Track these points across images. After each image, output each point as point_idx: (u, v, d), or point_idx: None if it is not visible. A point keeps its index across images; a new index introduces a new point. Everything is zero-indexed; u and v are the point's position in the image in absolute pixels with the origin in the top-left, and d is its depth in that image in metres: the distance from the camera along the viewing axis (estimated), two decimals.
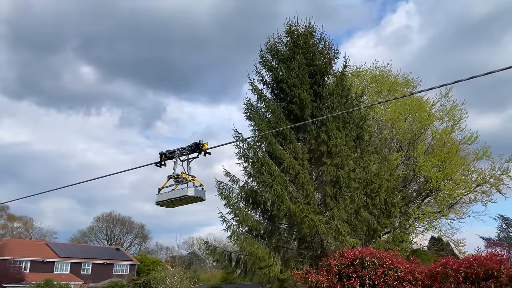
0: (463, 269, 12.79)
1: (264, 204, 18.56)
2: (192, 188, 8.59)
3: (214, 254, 17.87)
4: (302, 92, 17.29)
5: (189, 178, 8.86)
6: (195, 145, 8.91)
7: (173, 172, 8.91)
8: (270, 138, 17.02)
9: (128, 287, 25.49)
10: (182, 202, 8.88)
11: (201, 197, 8.71)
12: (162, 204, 9.03)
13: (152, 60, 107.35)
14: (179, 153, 9.05)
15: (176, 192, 8.70)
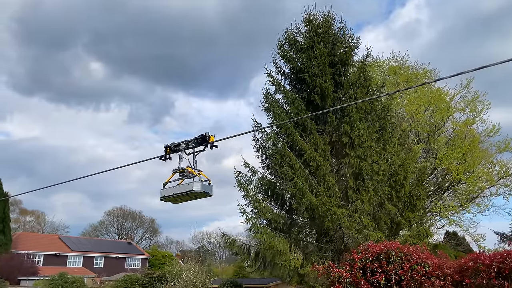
0: (496, 264, 12.26)
1: (283, 197, 18.16)
2: (198, 183, 8.18)
3: (233, 247, 17.51)
4: (324, 81, 16.76)
5: (195, 172, 8.46)
6: (201, 138, 8.53)
7: (179, 166, 8.53)
8: (290, 129, 16.55)
9: (143, 281, 25.22)
10: (188, 197, 8.48)
11: (207, 192, 8.31)
12: (167, 199, 8.59)
13: (160, 56, 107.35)
14: (184, 146, 8.67)
15: (181, 187, 8.30)
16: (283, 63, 19.78)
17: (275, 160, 16.31)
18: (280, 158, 16.01)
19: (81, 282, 29.65)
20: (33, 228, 68.38)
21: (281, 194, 17.96)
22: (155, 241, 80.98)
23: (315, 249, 16.59)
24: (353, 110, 15.77)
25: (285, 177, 15.69)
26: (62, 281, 29.14)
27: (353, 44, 18.41)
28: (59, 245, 47.96)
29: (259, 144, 19.74)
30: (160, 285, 24.58)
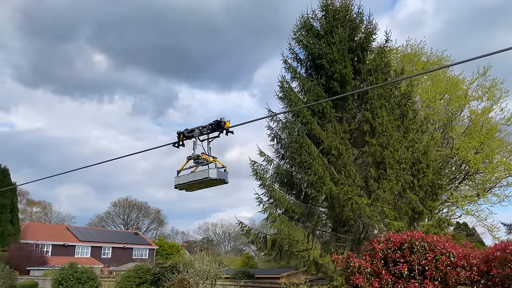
0: None
1: (299, 186, 17.78)
2: (214, 169, 7.89)
3: (249, 235, 17.18)
4: (343, 67, 16.26)
5: (210, 159, 8.19)
6: (216, 124, 8.26)
7: (193, 153, 8.23)
8: (308, 117, 16.10)
9: (155, 271, 25.03)
10: (203, 185, 8.18)
11: (223, 179, 8.02)
12: (182, 187, 8.31)
13: (164, 48, 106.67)
14: (198, 132, 8.39)
15: (196, 174, 8.01)
16: (299, 49, 19.30)
17: (292, 149, 15.89)
18: (298, 146, 15.58)
19: (91, 272, 29.53)
20: (40, 218, 68.55)
21: (298, 183, 17.58)
22: (160, 231, 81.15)
23: (333, 239, 16.24)
24: (374, 97, 15.28)
25: (304, 166, 15.28)
26: (72, 270, 29.03)
27: (372, 29, 17.85)
28: (67, 235, 48.00)
29: (273, 133, 19.32)
30: (172, 275, 24.38)
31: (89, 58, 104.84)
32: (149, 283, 25.25)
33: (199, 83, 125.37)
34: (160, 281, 24.78)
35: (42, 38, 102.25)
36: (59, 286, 28.63)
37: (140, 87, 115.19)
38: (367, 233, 16.22)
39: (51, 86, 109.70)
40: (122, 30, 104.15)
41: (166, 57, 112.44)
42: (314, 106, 16.67)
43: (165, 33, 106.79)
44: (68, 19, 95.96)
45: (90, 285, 28.75)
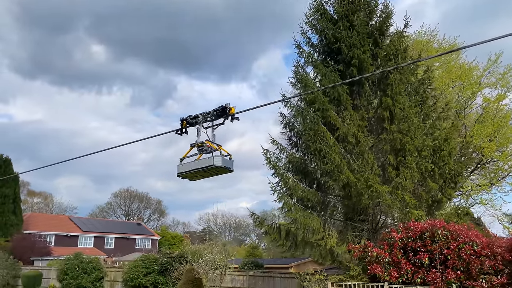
0: None
1: (313, 175, 17.37)
2: (219, 157, 7.57)
3: (262, 226, 16.79)
4: (362, 53, 15.70)
5: (214, 146, 7.86)
6: (221, 109, 7.89)
7: (197, 140, 7.92)
8: (325, 104, 15.60)
9: (162, 261, 24.70)
10: (207, 173, 7.85)
11: (229, 167, 7.69)
12: (185, 175, 7.98)
13: (162, 39, 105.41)
14: (202, 118, 8.05)
15: (200, 162, 7.67)
16: (311, 34, 18.73)
17: (307, 136, 15.41)
18: (313, 134, 15.10)
19: (97, 262, 29.20)
20: (41, 209, 68.18)
21: (311, 172, 17.15)
22: (162, 222, 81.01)
23: (348, 228, 15.86)
24: (396, 82, 14.76)
25: (320, 154, 14.82)
26: (78, 261, 28.69)
27: (388, 13, 17.26)
28: (70, 226, 47.67)
29: (286, 120, 18.85)
30: (179, 265, 24.06)
31: (88, 48, 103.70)
32: (156, 273, 24.93)
33: (198, 74, 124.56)
34: (168, 271, 24.48)
35: (40, 29, 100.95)
36: (65, 276, 28.32)
37: (139, 78, 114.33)
38: (383, 222, 15.86)
39: (49, 77, 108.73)
40: (120, 21, 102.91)
41: (164, 49, 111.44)
42: (329, 93, 16.17)
43: (164, 24, 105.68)
44: (66, 9, 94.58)
45: (95, 275, 28.44)
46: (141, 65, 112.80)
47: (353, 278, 15.12)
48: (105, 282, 28.96)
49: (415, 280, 13.86)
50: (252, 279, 23.47)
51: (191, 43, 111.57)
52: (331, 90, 16.24)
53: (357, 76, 16.63)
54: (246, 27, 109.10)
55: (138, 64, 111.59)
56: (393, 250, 14.40)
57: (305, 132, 15.63)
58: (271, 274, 22.92)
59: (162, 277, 24.62)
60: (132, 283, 25.06)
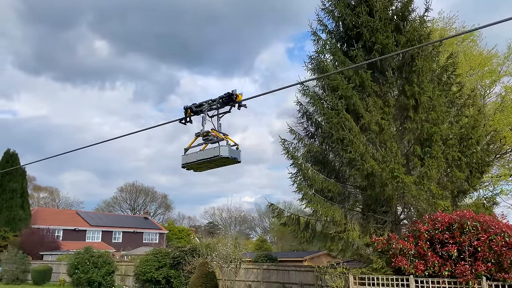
0: None
1: (332, 165, 16.88)
2: (226, 147, 7.19)
3: (281, 217, 16.34)
4: (385, 38, 15.12)
5: (221, 135, 7.47)
6: (227, 97, 7.47)
7: (202, 129, 7.53)
8: (348, 91, 15.04)
9: (174, 254, 24.33)
10: (213, 164, 7.49)
11: (236, 158, 7.30)
12: (190, 166, 7.60)
13: (164, 34, 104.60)
14: (207, 106, 7.64)
15: (206, 152, 7.33)
16: (328, 21, 18.15)
17: (330, 125, 14.88)
18: (336, 122, 14.57)
19: (108, 256, 28.87)
20: (47, 204, 68.09)
21: (330, 162, 16.67)
22: (168, 216, 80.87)
23: (370, 220, 15.38)
24: (423, 69, 14.17)
25: (343, 143, 14.31)
26: (88, 255, 28.36)
27: None
28: (77, 220, 47.45)
29: (303, 109, 18.33)
30: (192, 259, 23.70)
31: (90, 44, 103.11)
32: (168, 267, 24.57)
33: (200, 69, 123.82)
34: (180, 265, 24.13)
35: (43, 25, 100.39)
36: (75, 270, 28.01)
37: (142, 73, 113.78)
38: (407, 214, 15.37)
39: (53, 73, 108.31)
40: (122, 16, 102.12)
41: (166, 44, 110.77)
42: (351, 79, 15.62)
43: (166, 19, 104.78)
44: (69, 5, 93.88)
45: (106, 269, 28.12)
46: (143, 60, 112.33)
47: (376, 271, 14.66)
48: (116, 276, 28.67)
49: (442, 273, 13.40)
50: (266, 272, 23.09)
51: (192, 38, 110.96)
52: (353, 76, 15.69)
53: (379, 63, 16.09)
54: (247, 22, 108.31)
55: (140, 59, 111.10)
56: (419, 242, 13.93)
57: (328, 120, 15.08)
58: (286, 268, 22.52)
59: (174, 271, 24.26)
60: (144, 277, 24.72)
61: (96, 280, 27.55)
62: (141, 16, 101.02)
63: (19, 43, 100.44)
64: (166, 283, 24.42)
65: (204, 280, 21.70)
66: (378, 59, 13.81)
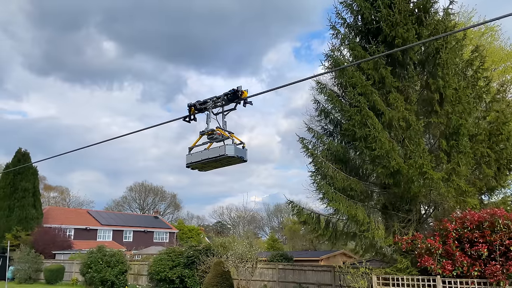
0: None
1: (353, 163, 16.42)
2: (231, 145, 6.96)
3: (301, 215, 15.91)
4: (406, 31, 14.64)
5: (226, 134, 7.29)
6: (232, 93, 7.29)
7: (206, 128, 7.34)
8: (366, 87, 14.59)
9: (188, 254, 24.02)
10: (219, 163, 7.26)
11: (242, 157, 7.06)
12: (194, 166, 7.36)
13: (172, 35, 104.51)
14: (212, 104, 7.48)
15: (211, 151, 7.10)
16: (346, 15, 17.69)
17: (352, 122, 14.42)
18: (359, 119, 14.11)
19: (121, 255, 28.64)
20: (58, 203, 68.28)
21: (351, 160, 16.22)
22: (176, 215, 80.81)
23: (394, 219, 14.92)
24: (448, 61, 13.69)
25: (367, 140, 13.85)
26: (101, 254, 28.15)
27: None
28: (89, 219, 47.40)
29: (320, 107, 17.90)
30: (206, 258, 23.38)
31: (98, 45, 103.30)
32: (182, 266, 24.26)
33: (207, 69, 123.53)
34: (194, 264, 23.81)
35: (52, 26, 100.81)
36: (88, 269, 27.81)
37: (149, 73, 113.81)
38: (431, 213, 14.89)
39: (62, 74, 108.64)
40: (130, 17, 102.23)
41: (173, 44, 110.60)
42: (370, 75, 15.16)
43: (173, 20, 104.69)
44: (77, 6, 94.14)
45: (119, 268, 27.89)
46: (151, 60, 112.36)
47: (400, 271, 14.20)
48: (129, 275, 28.45)
49: (471, 273, 12.91)
50: (282, 272, 22.69)
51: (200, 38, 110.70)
52: (372, 72, 15.24)
53: (401, 57, 15.61)
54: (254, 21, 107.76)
55: (148, 60, 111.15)
56: (446, 241, 13.45)
57: (350, 118, 14.64)
58: (302, 267, 22.10)
59: (188, 270, 23.94)
60: (158, 277, 24.44)
61: (109, 279, 27.33)
62: (148, 17, 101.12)
63: (29, 45, 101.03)
64: (180, 283, 24.11)
65: (219, 279, 21.36)
66: (401, 49, 13.38)
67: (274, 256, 23.55)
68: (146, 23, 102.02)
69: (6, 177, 38.69)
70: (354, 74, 15.03)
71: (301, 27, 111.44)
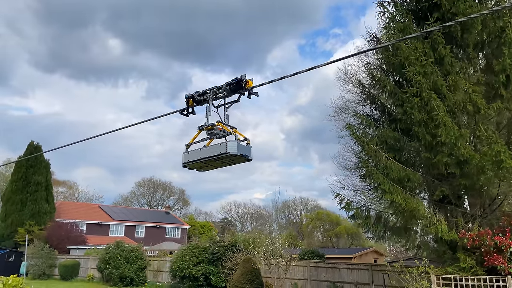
0: None
1: (407, 152, 15.00)
2: (234, 142, 6.05)
3: (349, 208, 14.50)
4: (467, 7, 13.19)
5: (228, 129, 6.40)
6: (235, 83, 6.41)
7: (206, 122, 6.46)
8: (427, 67, 13.11)
9: (213, 250, 22.64)
10: (220, 163, 6.38)
11: (246, 155, 6.15)
12: (192, 166, 6.43)
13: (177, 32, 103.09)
14: (212, 95, 6.62)
15: (211, 149, 6.18)
16: None
17: (410, 104, 12.94)
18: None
19: (139, 251, 27.34)
20: (66, 198, 67.05)
21: (405, 149, 14.79)
22: (185, 211, 79.58)
23: (458, 213, 13.48)
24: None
25: (430, 125, 12.42)
26: (119, 249, 26.85)
27: None
28: (100, 214, 46.08)
29: (366, 92, 16.48)
30: (232, 254, 22.01)
31: (104, 42, 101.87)
32: (206, 263, 22.88)
33: (212, 67, 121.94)
34: (220, 261, 22.43)
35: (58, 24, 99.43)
36: (106, 265, 26.51)
37: (154, 71, 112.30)
38: (498, 206, 13.45)
39: (67, 71, 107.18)
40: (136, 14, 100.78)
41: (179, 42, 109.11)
42: (428, 55, 13.67)
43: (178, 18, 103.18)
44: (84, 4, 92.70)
45: (138, 264, 26.59)
46: (156, 58, 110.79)
47: (463, 271, 12.79)
48: (148, 271, 27.13)
49: None
50: (314, 270, 21.30)
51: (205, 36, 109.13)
52: (429, 51, 13.76)
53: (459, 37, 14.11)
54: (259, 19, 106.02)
55: (153, 57, 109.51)
56: None
57: (408, 100, 13.17)
58: (336, 265, 20.71)
59: (213, 267, 22.55)
60: (181, 273, 23.07)
61: (128, 275, 26.03)
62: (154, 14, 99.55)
63: (35, 42, 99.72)
64: (204, 280, 22.74)
65: (249, 277, 19.99)
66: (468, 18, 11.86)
67: (305, 253, 22.15)
68: (152, 21, 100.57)
69: (19, 170, 37.40)
70: (411, 53, 13.56)
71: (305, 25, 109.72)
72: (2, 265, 31.49)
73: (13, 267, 31.70)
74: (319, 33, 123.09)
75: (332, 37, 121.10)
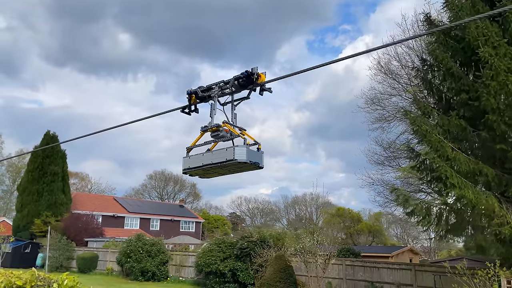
0: None
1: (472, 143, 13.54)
2: (243, 148, 5.18)
3: (408, 204, 13.13)
4: None
5: (236, 131, 5.52)
6: (245, 77, 5.42)
7: (210, 122, 5.53)
8: (500, 48, 11.62)
9: (242, 245, 21.35)
10: (226, 170, 5.53)
11: (257, 163, 5.32)
12: (194, 172, 5.67)
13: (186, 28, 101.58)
14: (218, 91, 5.66)
15: (215, 154, 5.34)
16: None
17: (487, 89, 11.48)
18: (495, 85, 11.20)
19: (161, 245, 26.14)
20: (78, 189, 66.20)
21: (470, 139, 13.33)
22: (196, 205, 78.57)
23: None
24: None
25: (504, 113, 10.99)
26: (141, 243, 25.66)
27: None
28: (116, 206, 45.00)
29: (422, 77, 15.03)
30: (262, 250, 20.71)
31: (114, 37, 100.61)
32: (234, 259, 21.57)
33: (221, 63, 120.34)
34: (249, 257, 21.14)
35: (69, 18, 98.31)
36: (127, 259, 25.31)
37: (163, 65, 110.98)
38: None
39: (78, 64, 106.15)
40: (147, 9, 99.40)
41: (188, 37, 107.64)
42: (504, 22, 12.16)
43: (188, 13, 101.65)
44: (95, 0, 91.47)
45: (160, 258, 25.40)
46: (165, 52, 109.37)
47: None
48: (170, 266, 25.94)
49: None
50: (350, 269, 19.92)
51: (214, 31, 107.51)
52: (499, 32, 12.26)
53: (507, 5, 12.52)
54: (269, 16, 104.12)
55: (162, 52, 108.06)
56: None
57: (484, 83, 11.68)
58: (375, 264, 19.33)
59: (241, 263, 21.24)
60: (208, 269, 21.80)
61: (150, 270, 24.84)
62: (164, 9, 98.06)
63: (46, 36, 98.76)
64: (231, 276, 21.44)
65: (282, 275, 18.66)
66: None
67: (340, 251, 20.83)
68: (162, 15, 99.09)
69: (35, 160, 36.32)
70: (484, 32, 12.05)
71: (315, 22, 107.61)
72: (18, 257, 30.49)
73: (30, 259, 30.70)
74: (328, 30, 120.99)
75: (341, 33, 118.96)
